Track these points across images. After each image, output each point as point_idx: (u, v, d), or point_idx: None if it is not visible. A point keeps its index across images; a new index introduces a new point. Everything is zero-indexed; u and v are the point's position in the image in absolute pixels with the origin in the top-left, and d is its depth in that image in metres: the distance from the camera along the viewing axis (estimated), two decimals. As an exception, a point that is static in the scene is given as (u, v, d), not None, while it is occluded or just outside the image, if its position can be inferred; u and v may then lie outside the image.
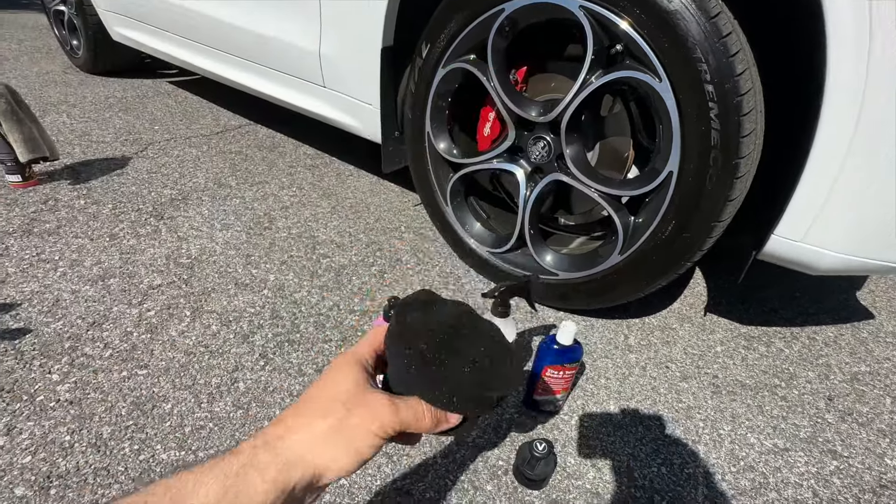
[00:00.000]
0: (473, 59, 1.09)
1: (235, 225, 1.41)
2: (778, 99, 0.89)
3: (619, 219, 0.99)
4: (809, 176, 0.81)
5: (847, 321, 1.35)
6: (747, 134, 0.81)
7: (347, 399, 0.31)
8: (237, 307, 1.10)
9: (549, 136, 1.05)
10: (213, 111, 2.31)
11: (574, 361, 0.86)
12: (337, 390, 0.32)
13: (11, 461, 0.73)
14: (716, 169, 0.84)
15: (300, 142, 2.07)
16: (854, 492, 0.86)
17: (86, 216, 1.36)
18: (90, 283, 1.11)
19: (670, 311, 1.29)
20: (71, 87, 2.38)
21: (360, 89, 1.35)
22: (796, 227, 0.85)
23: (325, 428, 0.30)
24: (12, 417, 0.79)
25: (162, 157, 1.76)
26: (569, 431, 0.90)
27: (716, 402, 1.01)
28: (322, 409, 0.31)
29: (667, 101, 0.85)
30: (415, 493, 0.76)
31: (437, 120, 1.21)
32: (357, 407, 0.31)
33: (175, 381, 0.90)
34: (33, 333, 0.96)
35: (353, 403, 0.31)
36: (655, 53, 0.83)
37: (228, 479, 0.27)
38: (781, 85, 0.91)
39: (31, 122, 1.40)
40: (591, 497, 0.79)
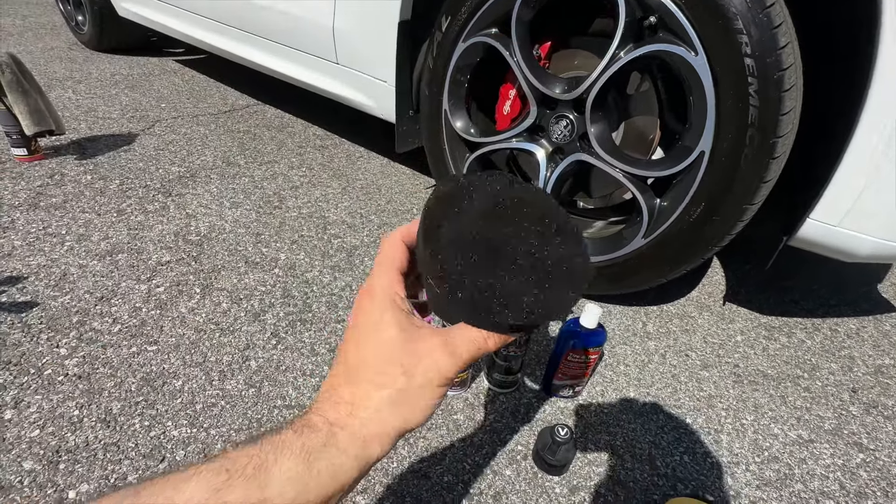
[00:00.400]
0: (496, 33, 1.05)
1: (245, 203, 1.38)
2: (817, 76, 0.85)
3: (644, 201, 0.95)
4: (851, 158, 0.77)
5: (869, 313, 1.32)
6: (787, 112, 0.77)
7: (401, 357, 0.28)
8: (248, 285, 1.07)
9: (572, 114, 1.01)
10: (220, 90, 2.27)
11: (597, 346, 0.83)
12: (385, 348, 0.28)
13: (20, 434, 0.71)
14: (751, 148, 0.80)
15: (309, 122, 2.04)
16: (882, 485, 0.83)
17: (93, 191, 1.33)
18: (98, 258, 1.08)
19: (689, 299, 1.26)
20: (76, 64, 2.33)
21: (374, 66, 1.31)
22: (834, 212, 0.82)
23: (389, 399, 0.28)
24: (20, 390, 0.77)
25: (169, 135, 1.73)
26: (588, 418, 0.88)
27: (738, 391, 0.99)
28: (378, 375, 0.28)
29: (702, 76, 0.81)
30: (432, 476, 0.74)
31: (454, 97, 1.17)
32: (415, 367, 0.28)
33: (185, 358, 0.87)
34: (40, 307, 0.93)
35: (408, 362, 0.28)
36: (693, 25, 0.79)
37: (311, 455, 0.25)
38: (821, 61, 0.87)
39: (37, 93, 1.37)
40: (612, 484, 0.77)
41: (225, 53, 1.86)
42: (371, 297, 0.30)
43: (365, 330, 0.30)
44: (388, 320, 0.29)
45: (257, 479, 0.24)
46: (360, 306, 0.31)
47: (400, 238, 0.33)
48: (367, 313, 0.30)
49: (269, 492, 0.23)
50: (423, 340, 0.29)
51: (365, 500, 0.69)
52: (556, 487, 0.75)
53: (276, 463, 0.24)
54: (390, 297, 0.30)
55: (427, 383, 0.28)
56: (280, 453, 0.25)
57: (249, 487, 0.23)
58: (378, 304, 0.30)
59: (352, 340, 0.30)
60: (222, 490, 0.23)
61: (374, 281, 0.31)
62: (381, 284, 0.31)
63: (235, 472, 0.23)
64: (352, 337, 0.30)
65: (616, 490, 0.76)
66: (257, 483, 0.23)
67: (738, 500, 0.77)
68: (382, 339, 0.29)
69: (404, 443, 0.78)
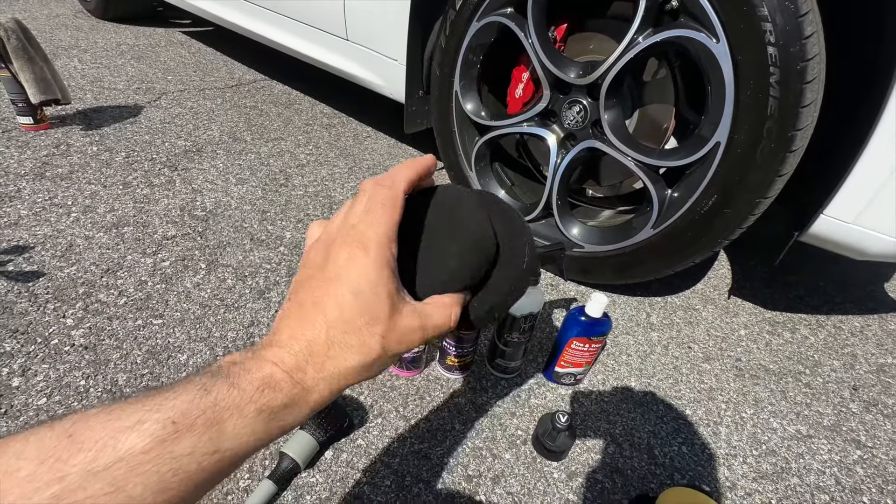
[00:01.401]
0: (511, 13, 1.02)
1: (251, 180, 1.37)
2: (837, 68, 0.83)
3: (655, 191, 0.94)
4: (870, 155, 0.76)
5: (874, 312, 1.32)
6: (808, 104, 0.75)
7: (384, 328, 0.27)
8: (253, 262, 1.07)
9: (585, 100, 0.99)
10: (227, 64, 2.24)
11: (601, 335, 0.83)
12: (370, 315, 0.27)
13: (27, 402, 0.72)
14: (769, 141, 0.78)
15: (316, 100, 2.01)
16: (878, 482, 0.84)
17: (98, 163, 1.32)
18: (104, 231, 1.08)
19: (693, 291, 1.26)
20: (82, 32, 2.30)
21: (385, 44, 1.29)
22: (849, 209, 0.80)
23: (360, 365, 0.27)
24: (27, 359, 0.78)
25: (175, 108, 1.71)
26: (589, 405, 0.89)
27: (738, 384, 0.99)
28: (355, 339, 0.27)
29: (722, 64, 0.79)
30: (433, 457, 0.75)
31: (466, 78, 1.15)
32: (392, 340, 0.28)
33: (190, 333, 0.88)
34: (47, 277, 0.94)
35: (388, 335, 0.27)
36: (715, 10, 0.76)
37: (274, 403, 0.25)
38: (842, 53, 0.85)
39: (43, 61, 1.35)
40: (609, 472, 0.78)
41: (232, 26, 1.83)
42: (365, 250, 0.27)
43: (350, 285, 0.27)
44: (382, 286, 0.27)
45: (210, 432, 0.23)
46: (352, 256, 0.27)
47: (406, 180, 0.30)
48: (360, 268, 0.27)
49: (223, 443, 0.23)
50: (403, 315, 0.28)
51: (365, 477, 0.70)
52: (554, 473, 0.76)
53: (231, 419, 0.23)
54: (386, 258, 0.28)
55: (394, 356, 0.29)
56: (236, 410, 0.24)
57: (200, 439, 0.22)
58: (373, 263, 0.27)
59: (331, 290, 0.27)
60: (168, 441, 0.22)
61: (370, 230, 0.28)
62: (378, 237, 0.27)
63: (183, 423, 0.22)
64: (330, 284, 0.27)
65: (614, 477, 0.77)
66: (209, 436, 0.23)
67: (734, 492, 0.78)
68: (369, 303, 0.27)
69: (405, 423, 0.79)
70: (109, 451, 0.20)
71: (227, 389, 0.24)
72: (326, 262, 0.28)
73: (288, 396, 0.25)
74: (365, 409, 0.80)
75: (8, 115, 1.43)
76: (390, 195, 0.29)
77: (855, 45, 0.85)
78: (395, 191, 0.29)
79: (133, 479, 0.20)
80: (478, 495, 0.71)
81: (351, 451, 0.73)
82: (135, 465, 0.20)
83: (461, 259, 0.32)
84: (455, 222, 0.33)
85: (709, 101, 0.84)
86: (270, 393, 0.25)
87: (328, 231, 0.30)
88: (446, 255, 0.32)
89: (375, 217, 0.28)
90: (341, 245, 0.28)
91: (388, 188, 0.29)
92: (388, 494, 0.69)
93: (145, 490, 0.20)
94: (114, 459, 0.20)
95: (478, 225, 0.33)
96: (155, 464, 0.21)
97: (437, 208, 0.33)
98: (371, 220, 0.28)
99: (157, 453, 0.21)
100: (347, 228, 0.28)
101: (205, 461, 0.22)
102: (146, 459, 0.21)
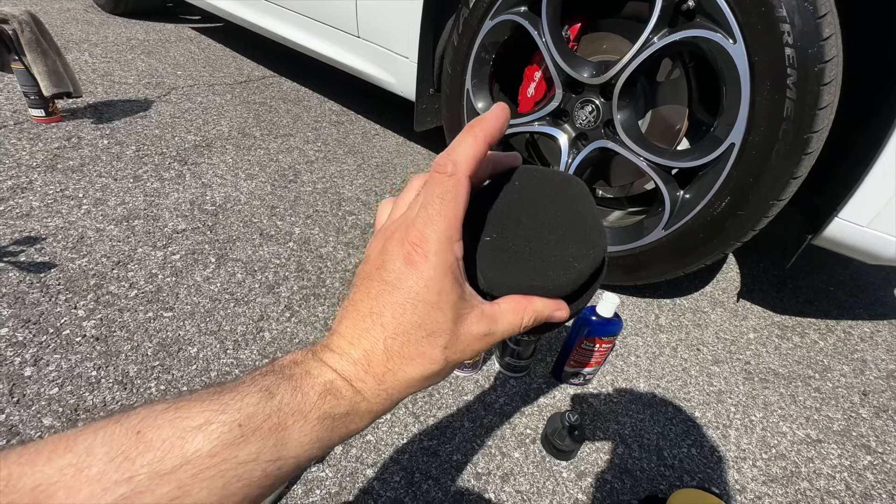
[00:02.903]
0: (525, 12, 1.02)
1: (260, 176, 1.37)
2: (855, 70, 0.82)
3: (667, 192, 0.94)
4: (886, 157, 0.75)
5: (884, 318, 1.31)
6: (824, 106, 0.75)
7: (446, 338, 0.26)
8: (262, 257, 1.07)
9: (598, 100, 0.99)
10: (236, 60, 2.25)
11: (612, 335, 0.83)
12: (432, 325, 0.25)
13: (39, 391, 0.72)
14: (784, 143, 0.78)
15: (325, 97, 2.01)
16: (888, 488, 0.83)
17: (109, 156, 1.32)
18: (115, 223, 1.08)
19: (702, 293, 1.25)
20: (93, 27, 2.31)
21: (397, 41, 1.29)
22: (864, 212, 0.80)
23: (421, 377, 0.26)
24: (39, 349, 0.78)
25: (185, 103, 1.71)
26: (598, 406, 0.88)
27: (748, 388, 0.98)
28: (416, 350, 0.25)
29: (738, 65, 0.78)
30: (441, 454, 0.75)
31: (478, 77, 1.15)
32: (455, 349, 0.26)
33: (200, 326, 0.88)
34: (58, 268, 0.94)
35: (452, 345, 0.26)
36: (733, 11, 0.76)
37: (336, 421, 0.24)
38: (860, 55, 0.84)
39: (56, 54, 1.35)
40: (619, 472, 0.77)
41: (243, 22, 1.83)
42: (425, 255, 0.24)
43: (409, 295, 0.25)
44: (444, 296, 0.25)
45: (274, 437, 0.22)
46: (409, 261, 0.25)
47: (470, 160, 0.25)
48: (418, 276, 0.24)
49: (286, 451, 0.23)
50: (468, 322, 0.26)
51: (374, 473, 0.70)
52: (563, 472, 0.75)
53: (296, 425, 0.23)
54: (448, 263, 0.25)
55: (457, 363, 0.27)
56: (301, 416, 0.23)
57: (265, 444, 0.22)
58: (433, 270, 0.24)
59: (388, 298, 0.25)
60: (234, 445, 0.21)
61: (428, 229, 0.24)
62: (439, 239, 0.24)
63: (249, 428, 0.22)
64: (387, 291, 0.25)
65: (623, 478, 0.77)
66: (274, 441, 0.22)
67: (744, 495, 0.77)
68: (430, 315, 0.25)
69: (415, 420, 0.79)
70: (177, 452, 0.20)
71: (292, 393, 0.23)
72: (384, 263, 0.26)
73: (350, 405, 0.25)
74: (374, 405, 0.80)
75: (20, 108, 1.44)
76: (451, 185, 0.24)
77: (873, 46, 0.85)
78: (458, 177, 0.25)
79: (198, 483, 0.20)
80: (487, 493, 0.71)
81: (360, 447, 0.73)
82: (201, 468, 0.20)
83: (580, 263, 0.27)
84: (573, 218, 0.28)
85: (723, 103, 0.84)
86: (332, 400, 0.24)
87: (391, 219, 0.28)
88: (559, 258, 0.27)
89: (434, 213, 0.24)
90: (399, 246, 0.25)
91: (448, 175, 0.24)
92: (398, 490, 0.69)
93: (210, 495, 0.20)
94: (181, 461, 0.20)
95: (599, 225, 0.28)
96: (220, 469, 0.20)
97: (537, 194, 0.28)
98: (429, 218, 0.24)
99: (222, 458, 0.21)
100: (406, 226, 0.25)
101: (269, 468, 0.22)
102: (212, 464, 0.20)
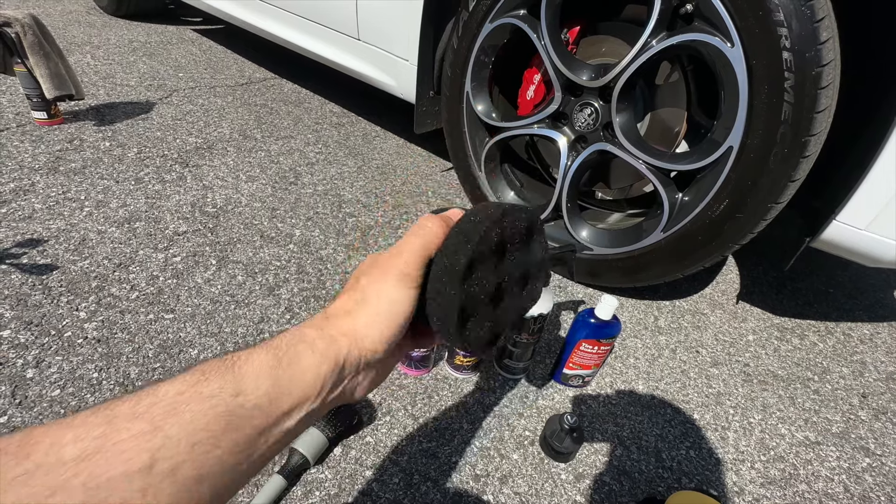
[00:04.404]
0: (524, 15, 1.02)
1: (261, 178, 1.38)
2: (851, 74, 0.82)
3: (666, 194, 0.94)
4: (884, 160, 0.75)
5: (884, 320, 1.31)
6: (822, 110, 0.75)
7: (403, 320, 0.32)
8: (263, 259, 1.08)
9: (597, 102, 1.00)
10: (237, 62, 2.25)
11: (610, 337, 0.83)
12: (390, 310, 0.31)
13: (41, 393, 0.72)
14: (782, 146, 0.78)
15: (326, 99, 2.02)
16: (886, 490, 0.83)
17: (111, 158, 1.33)
18: (116, 225, 1.09)
19: (702, 295, 1.26)
20: (95, 29, 2.32)
21: (397, 44, 1.29)
22: (862, 215, 0.80)
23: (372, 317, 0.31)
24: (41, 350, 0.79)
25: (186, 105, 1.72)
26: (597, 408, 0.89)
27: (747, 390, 0.99)
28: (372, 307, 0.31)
29: (736, 68, 0.79)
30: (440, 455, 0.75)
31: (477, 79, 1.15)
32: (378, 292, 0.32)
33: (201, 328, 0.89)
34: (60, 270, 0.95)
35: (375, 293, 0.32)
36: (731, 14, 0.77)
37: (280, 351, 0.27)
38: (857, 59, 0.84)
39: (58, 57, 1.36)
40: (617, 474, 0.78)
41: (244, 25, 1.84)
42: (399, 275, 0.31)
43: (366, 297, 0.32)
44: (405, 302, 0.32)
45: (232, 372, 0.25)
46: (371, 276, 0.32)
47: (441, 226, 0.33)
48: (375, 283, 0.32)
49: (243, 385, 0.25)
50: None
51: (373, 475, 0.71)
52: (561, 474, 0.76)
53: (248, 361, 0.26)
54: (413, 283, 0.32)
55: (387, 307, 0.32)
56: (251, 353, 0.27)
57: (224, 379, 0.25)
58: (402, 286, 0.31)
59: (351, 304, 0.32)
60: (198, 383, 0.24)
61: (392, 261, 0.32)
62: (409, 268, 0.32)
63: (209, 371, 0.25)
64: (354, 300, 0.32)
65: (621, 480, 0.77)
66: (232, 376, 0.25)
67: (742, 497, 0.78)
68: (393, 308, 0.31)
69: (413, 422, 0.79)
70: (150, 398, 0.23)
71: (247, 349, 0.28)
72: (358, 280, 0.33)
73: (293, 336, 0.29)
74: (374, 407, 0.80)
75: (23, 110, 1.45)
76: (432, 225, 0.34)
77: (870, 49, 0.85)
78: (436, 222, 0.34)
79: (169, 419, 0.22)
80: (485, 495, 0.71)
81: (360, 449, 0.74)
82: (171, 405, 0.23)
83: None
84: None
85: (722, 106, 0.84)
86: (279, 336, 0.29)
87: None
88: None
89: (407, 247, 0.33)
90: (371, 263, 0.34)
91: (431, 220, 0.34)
92: (397, 492, 0.69)
93: (179, 430, 0.22)
94: (153, 402, 0.23)
95: None
96: (188, 405, 0.23)
97: None
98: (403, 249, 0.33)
99: (189, 395, 0.23)
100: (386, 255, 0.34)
101: (231, 402, 0.24)
102: (180, 400, 0.23)
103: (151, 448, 0.21)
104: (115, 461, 0.20)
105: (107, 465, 0.20)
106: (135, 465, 0.20)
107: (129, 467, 0.20)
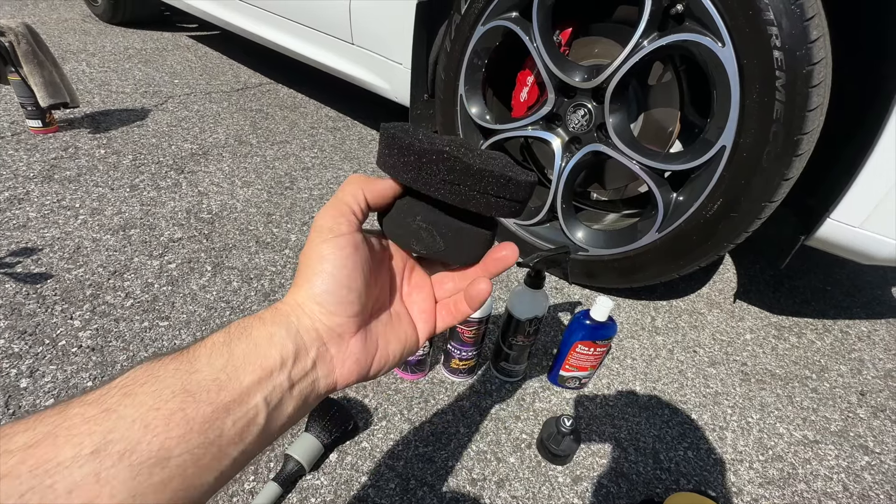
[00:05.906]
0: (516, 18, 1.02)
1: (256, 183, 1.38)
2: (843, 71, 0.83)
3: (660, 194, 0.94)
4: (877, 158, 0.75)
5: (882, 317, 1.31)
6: (814, 108, 0.75)
7: None
8: (258, 265, 1.08)
9: (590, 103, 1.00)
10: (233, 68, 2.26)
11: (606, 338, 0.83)
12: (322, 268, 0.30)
13: (35, 403, 0.72)
14: (775, 145, 0.78)
15: (322, 103, 2.02)
16: (886, 489, 0.83)
17: (106, 165, 1.33)
18: (111, 233, 1.09)
19: (699, 295, 1.25)
20: (90, 36, 2.32)
21: (390, 48, 1.29)
22: (856, 212, 0.80)
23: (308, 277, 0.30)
24: (35, 360, 0.79)
25: (182, 111, 1.72)
26: (594, 409, 0.88)
27: (744, 389, 0.98)
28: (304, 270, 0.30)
29: (728, 68, 0.79)
30: (437, 460, 0.75)
31: (471, 82, 1.16)
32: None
33: (196, 335, 0.88)
34: (55, 279, 0.94)
35: None
36: (721, 14, 0.77)
37: (230, 329, 0.27)
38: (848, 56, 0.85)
39: (52, 65, 1.36)
40: (615, 476, 0.77)
41: (238, 30, 1.84)
42: (309, 242, 0.31)
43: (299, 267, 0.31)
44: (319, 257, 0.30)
45: (186, 355, 0.25)
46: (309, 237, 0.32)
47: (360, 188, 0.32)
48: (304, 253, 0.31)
49: (198, 364, 0.25)
50: None
51: (369, 480, 0.70)
52: (559, 477, 0.75)
53: (202, 344, 0.26)
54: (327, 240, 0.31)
55: None
56: (203, 339, 0.27)
57: (178, 361, 0.25)
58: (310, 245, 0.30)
59: None
60: (153, 368, 0.24)
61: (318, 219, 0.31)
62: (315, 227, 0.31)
63: (165, 357, 0.25)
64: None
65: (619, 482, 0.76)
66: (186, 357, 0.25)
67: (741, 497, 0.77)
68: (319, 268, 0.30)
69: (409, 426, 0.79)
70: (105, 385, 0.23)
71: None
72: None
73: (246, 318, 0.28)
74: (369, 412, 0.80)
75: (18, 119, 1.45)
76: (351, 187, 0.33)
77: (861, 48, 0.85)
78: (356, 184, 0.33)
79: (126, 400, 0.22)
80: (482, 499, 0.71)
81: (355, 454, 0.73)
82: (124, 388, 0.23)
83: None
84: None
85: (714, 105, 0.85)
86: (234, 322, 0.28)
87: None
88: None
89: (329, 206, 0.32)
90: None
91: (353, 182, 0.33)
92: (393, 498, 0.69)
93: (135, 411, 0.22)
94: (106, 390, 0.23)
95: None
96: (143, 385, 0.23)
97: None
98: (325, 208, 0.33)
99: (150, 372, 0.24)
100: None
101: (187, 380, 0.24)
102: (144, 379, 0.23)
103: (103, 430, 0.20)
104: (64, 446, 0.19)
105: (56, 450, 0.19)
106: (86, 447, 0.20)
107: (80, 451, 0.19)
